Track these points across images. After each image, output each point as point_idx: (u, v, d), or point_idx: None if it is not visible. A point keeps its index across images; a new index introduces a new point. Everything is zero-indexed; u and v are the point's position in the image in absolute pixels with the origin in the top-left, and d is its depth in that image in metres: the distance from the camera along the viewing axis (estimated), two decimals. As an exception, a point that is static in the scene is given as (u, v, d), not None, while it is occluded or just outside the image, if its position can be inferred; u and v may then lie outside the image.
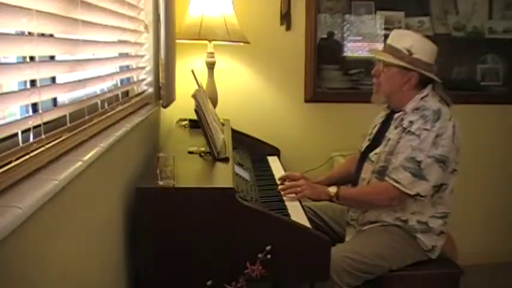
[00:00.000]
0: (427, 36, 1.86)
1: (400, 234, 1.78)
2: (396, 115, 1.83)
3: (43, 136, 0.93)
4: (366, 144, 1.98)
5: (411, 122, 1.74)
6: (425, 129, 1.70)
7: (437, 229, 1.79)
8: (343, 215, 1.96)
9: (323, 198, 1.84)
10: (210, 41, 2.33)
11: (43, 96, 0.93)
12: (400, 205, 1.76)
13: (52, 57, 1.12)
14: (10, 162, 0.83)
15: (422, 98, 1.79)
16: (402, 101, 1.82)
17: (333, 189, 1.81)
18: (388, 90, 1.83)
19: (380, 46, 2.83)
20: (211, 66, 2.39)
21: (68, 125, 1.09)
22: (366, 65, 2.83)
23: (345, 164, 2.22)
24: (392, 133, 1.80)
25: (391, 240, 1.76)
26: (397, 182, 1.70)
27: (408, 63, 1.77)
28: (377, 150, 1.83)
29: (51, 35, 1.09)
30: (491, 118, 2.85)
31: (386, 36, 2.76)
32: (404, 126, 1.76)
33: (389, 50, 1.82)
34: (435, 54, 1.82)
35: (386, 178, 1.74)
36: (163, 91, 1.95)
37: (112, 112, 1.40)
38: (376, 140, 1.90)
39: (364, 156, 1.91)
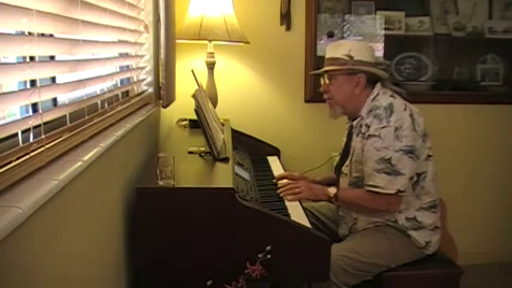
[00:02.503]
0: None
1: (395, 233, 1.78)
2: (355, 122, 1.85)
3: (43, 136, 0.93)
4: (337, 159, 2.00)
5: (367, 126, 1.75)
6: (383, 127, 1.70)
7: (429, 224, 1.79)
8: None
9: (322, 198, 1.84)
10: (210, 41, 2.33)
11: (43, 96, 0.93)
12: (398, 208, 1.76)
13: (52, 57, 1.12)
14: (10, 162, 0.83)
15: (373, 99, 1.80)
16: (358, 106, 1.83)
17: (332, 190, 1.81)
18: (342, 99, 1.85)
19: (380, 46, 2.83)
20: (211, 66, 2.39)
21: (68, 125, 1.09)
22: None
23: None
24: (355, 141, 1.81)
25: (386, 238, 1.77)
26: (376, 186, 1.70)
27: (352, 65, 1.80)
28: (347, 163, 1.85)
29: (51, 35, 1.09)
30: (491, 118, 2.85)
31: (386, 36, 2.79)
32: (363, 131, 1.77)
33: (331, 61, 1.85)
34: (373, 52, 1.87)
35: (366, 188, 1.74)
36: (163, 91, 1.95)
37: (112, 112, 1.40)
38: (345, 153, 1.91)
39: (338, 171, 1.93)
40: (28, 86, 0.96)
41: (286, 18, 2.59)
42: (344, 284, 1.66)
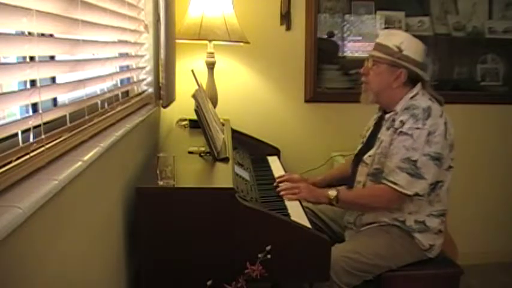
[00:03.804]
0: (420, 37, 1.86)
1: (398, 234, 1.78)
2: (387, 116, 1.83)
3: (43, 136, 0.93)
4: (359, 146, 1.98)
5: (402, 122, 1.73)
6: (417, 128, 1.69)
7: (435, 228, 1.79)
8: (343, 215, 1.95)
9: (322, 201, 1.82)
10: (210, 41, 2.33)
11: (43, 96, 0.93)
12: (398, 206, 1.76)
13: (52, 57, 1.12)
14: (10, 162, 0.83)
15: (412, 97, 1.78)
16: (392, 99, 1.81)
17: (332, 193, 1.79)
18: (377, 88, 1.83)
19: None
20: (211, 66, 2.39)
21: (68, 125, 1.09)
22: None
23: (342, 166, 2.22)
24: (384, 134, 1.80)
25: (389, 239, 1.76)
26: (395, 184, 1.70)
27: (398, 59, 1.77)
28: (370, 153, 1.83)
29: (51, 35, 1.09)
30: (491, 118, 2.85)
31: (386, 36, 2.78)
32: (395, 126, 1.75)
33: (379, 47, 1.83)
34: (424, 53, 1.83)
35: (384, 181, 1.73)
36: (163, 91, 1.95)
37: (112, 112, 1.40)
38: (370, 142, 1.89)
39: (358, 159, 1.91)
40: (28, 86, 0.96)
41: (286, 18, 2.59)
42: (345, 284, 1.66)
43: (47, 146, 0.95)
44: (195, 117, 1.66)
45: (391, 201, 1.74)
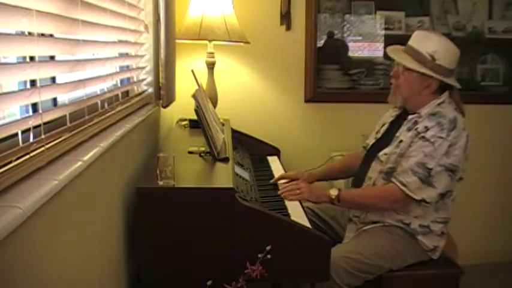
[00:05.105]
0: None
1: (401, 235, 1.77)
2: (410, 117, 1.80)
3: (43, 136, 0.93)
4: (372, 141, 1.96)
5: (426, 128, 1.71)
6: (440, 137, 1.68)
7: (438, 231, 1.79)
8: (344, 214, 1.95)
9: (323, 200, 1.82)
10: (210, 41, 2.33)
11: (43, 96, 0.93)
12: (402, 209, 1.76)
13: (52, 57, 1.12)
14: (10, 162, 0.83)
15: (438, 104, 1.76)
16: (419, 104, 1.79)
17: (334, 192, 1.78)
18: (407, 94, 1.80)
19: (380, 46, 2.83)
20: (211, 66, 2.39)
21: (68, 125, 1.09)
22: (366, 65, 2.83)
23: (344, 159, 2.20)
24: (404, 135, 1.77)
25: (391, 240, 1.76)
26: (404, 185, 1.69)
27: (430, 69, 1.73)
28: (387, 151, 1.79)
29: (51, 35, 1.09)
30: (491, 118, 2.84)
31: (386, 36, 2.78)
32: (418, 130, 1.72)
33: (411, 52, 1.77)
34: (457, 58, 1.78)
35: (393, 180, 1.72)
36: (163, 91, 1.95)
37: (112, 112, 1.40)
38: (385, 139, 1.87)
39: (372, 154, 1.88)
40: (28, 86, 0.96)
41: (286, 18, 2.59)
42: (347, 285, 1.65)
43: (47, 146, 0.95)
44: (195, 117, 1.66)
45: (396, 202, 1.73)
